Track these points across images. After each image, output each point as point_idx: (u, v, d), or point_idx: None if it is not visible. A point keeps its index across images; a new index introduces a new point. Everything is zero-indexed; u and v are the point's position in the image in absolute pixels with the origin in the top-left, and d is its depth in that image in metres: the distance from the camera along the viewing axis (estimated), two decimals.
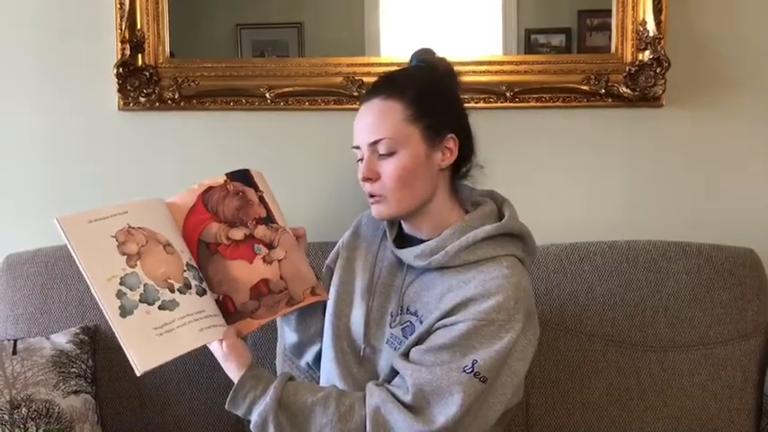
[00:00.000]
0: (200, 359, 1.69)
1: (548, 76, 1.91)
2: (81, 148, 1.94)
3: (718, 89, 1.93)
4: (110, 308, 1.16)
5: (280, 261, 1.34)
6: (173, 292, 1.22)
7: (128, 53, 1.86)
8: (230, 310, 1.29)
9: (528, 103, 1.92)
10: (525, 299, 1.29)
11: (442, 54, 1.44)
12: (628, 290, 1.77)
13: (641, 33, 1.87)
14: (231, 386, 1.29)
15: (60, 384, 1.61)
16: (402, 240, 1.43)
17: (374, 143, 1.33)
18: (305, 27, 1.96)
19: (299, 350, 1.53)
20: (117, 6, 1.86)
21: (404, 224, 1.42)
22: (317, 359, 1.50)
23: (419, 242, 1.37)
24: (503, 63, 1.92)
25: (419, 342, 1.31)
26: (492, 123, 1.47)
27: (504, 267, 1.30)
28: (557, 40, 1.97)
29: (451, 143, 1.34)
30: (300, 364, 1.56)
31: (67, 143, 1.94)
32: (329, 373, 1.41)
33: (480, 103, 1.90)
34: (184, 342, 1.20)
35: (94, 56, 1.91)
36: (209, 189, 1.35)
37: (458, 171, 1.40)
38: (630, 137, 1.96)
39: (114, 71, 1.86)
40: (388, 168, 1.32)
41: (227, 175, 1.38)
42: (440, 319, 1.29)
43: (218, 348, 1.27)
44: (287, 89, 1.91)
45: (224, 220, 1.33)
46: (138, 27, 1.87)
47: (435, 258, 1.32)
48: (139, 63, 1.88)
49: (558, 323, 1.76)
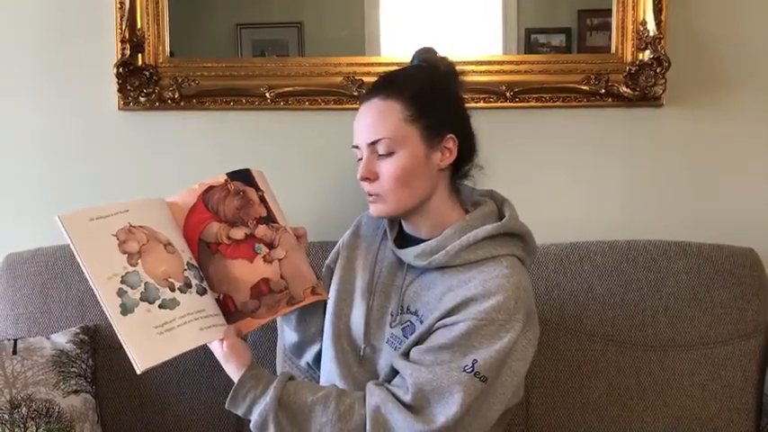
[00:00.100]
0: (200, 359, 1.70)
1: (548, 76, 1.92)
2: (81, 147, 1.94)
3: (718, 89, 1.94)
4: (110, 306, 1.16)
5: (280, 260, 1.34)
6: (173, 290, 1.22)
7: (128, 53, 1.86)
8: (231, 310, 1.29)
9: (528, 102, 1.92)
10: (525, 298, 1.29)
11: (444, 53, 1.44)
12: (628, 289, 1.77)
13: (641, 33, 1.87)
14: (231, 386, 1.28)
15: (60, 384, 1.61)
16: (402, 240, 1.43)
17: (373, 143, 1.33)
18: (305, 27, 1.96)
19: (299, 350, 1.53)
20: (117, 6, 1.86)
21: (404, 224, 1.42)
22: (317, 359, 1.50)
23: (419, 242, 1.37)
24: (503, 63, 1.92)
25: (419, 342, 1.31)
26: (492, 123, 1.46)
27: (505, 267, 1.30)
28: (557, 39, 1.97)
29: (451, 143, 1.34)
30: (300, 363, 1.56)
31: (67, 143, 1.94)
32: (329, 373, 1.41)
33: (480, 103, 1.90)
34: (184, 341, 1.20)
35: (94, 56, 1.91)
36: (209, 189, 1.35)
37: (458, 171, 1.40)
38: (630, 137, 1.96)
39: (114, 71, 1.85)
40: (386, 168, 1.32)
41: (227, 174, 1.38)
42: (440, 319, 1.29)
43: (218, 348, 1.27)
44: (287, 89, 1.90)
45: (225, 220, 1.33)
46: (139, 27, 1.87)
47: (436, 258, 1.32)
48: (139, 63, 1.88)
49: (558, 323, 1.76)
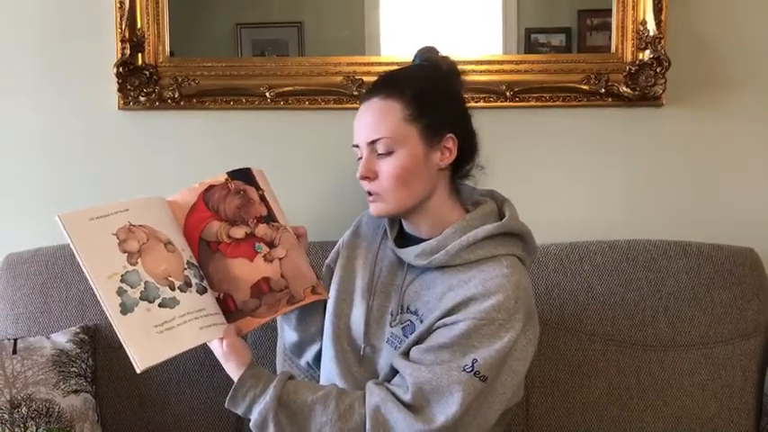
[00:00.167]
0: (200, 358, 1.70)
1: (548, 76, 1.91)
2: (81, 147, 1.94)
3: (718, 89, 1.94)
4: (110, 305, 1.16)
5: (281, 260, 1.34)
6: (173, 290, 1.22)
7: (128, 53, 1.86)
8: (231, 309, 1.29)
9: (528, 102, 1.92)
10: (525, 298, 1.29)
11: (444, 53, 1.43)
12: (628, 289, 1.77)
13: (641, 33, 1.87)
14: (231, 385, 1.28)
15: (60, 384, 1.61)
16: (403, 240, 1.43)
17: (372, 142, 1.33)
18: (305, 26, 1.96)
19: (298, 349, 1.53)
20: (117, 6, 1.86)
21: (404, 223, 1.42)
22: (316, 358, 1.50)
23: (419, 241, 1.37)
24: (503, 62, 1.92)
25: (419, 341, 1.30)
26: (492, 123, 1.46)
27: (505, 267, 1.30)
28: (557, 39, 1.97)
29: (450, 143, 1.34)
30: (300, 363, 1.56)
31: (67, 143, 1.94)
32: (329, 373, 1.41)
33: (480, 103, 1.90)
34: (184, 340, 1.20)
35: (94, 55, 1.90)
36: (210, 188, 1.35)
37: (458, 171, 1.40)
38: (630, 136, 1.96)
39: (114, 70, 1.85)
40: (385, 167, 1.32)
41: (228, 173, 1.38)
42: (440, 319, 1.29)
43: (218, 347, 1.27)
44: (287, 88, 1.90)
45: (225, 219, 1.33)
46: (139, 26, 1.87)
47: (436, 257, 1.32)
48: (139, 62, 1.88)
49: (558, 322, 1.76)
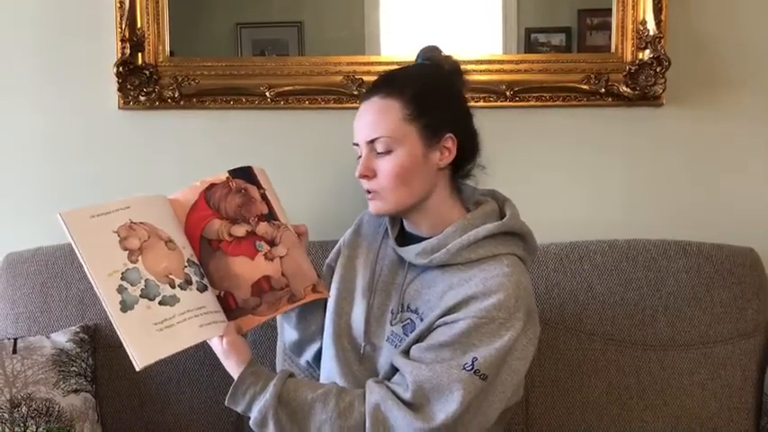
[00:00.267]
0: (200, 357, 1.71)
1: (548, 76, 1.91)
2: (81, 147, 1.94)
3: (718, 88, 1.94)
4: (110, 303, 1.16)
5: (281, 258, 1.34)
6: (173, 287, 1.22)
7: (128, 52, 1.86)
8: (231, 307, 1.30)
9: (528, 102, 1.92)
10: (526, 297, 1.29)
11: (446, 52, 1.43)
12: (628, 289, 1.77)
13: (641, 32, 1.87)
14: (231, 384, 1.28)
15: (60, 383, 1.61)
16: (403, 238, 1.43)
17: (372, 141, 1.33)
18: (305, 26, 1.96)
19: (298, 348, 1.53)
20: (117, 5, 1.85)
21: (405, 222, 1.42)
22: (316, 357, 1.50)
23: (420, 240, 1.37)
24: (503, 62, 1.92)
25: (419, 340, 1.31)
26: (492, 122, 1.46)
27: (505, 266, 1.30)
28: (557, 39, 1.97)
29: (450, 143, 1.34)
30: (300, 362, 1.56)
31: (67, 142, 1.94)
32: (329, 371, 1.41)
33: (480, 102, 1.89)
34: (184, 338, 1.21)
35: (94, 55, 1.90)
36: (211, 186, 1.36)
37: (459, 170, 1.40)
38: (630, 136, 1.96)
39: (114, 70, 1.85)
40: (384, 166, 1.32)
41: (229, 172, 1.38)
42: (440, 317, 1.29)
43: (218, 345, 1.27)
44: (287, 88, 1.90)
45: (226, 217, 1.34)
46: (138, 26, 1.87)
47: (437, 256, 1.32)
48: (139, 62, 1.88)
49: (558, 322, 1.76)
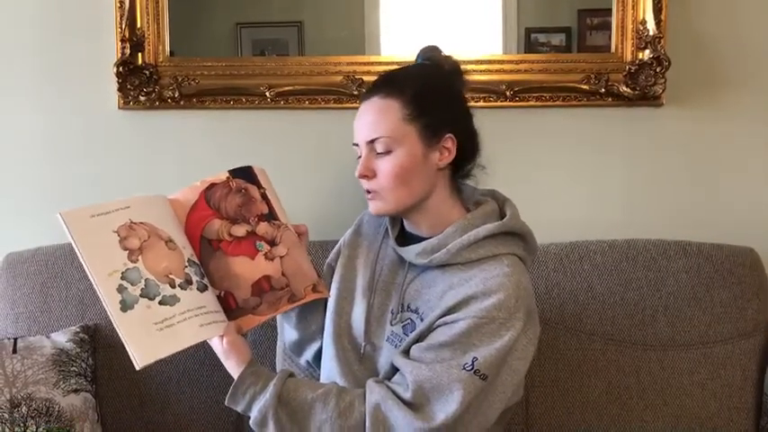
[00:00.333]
0: (200, 357, 1.71)
1: (548, 76, 1.91)
2: (81, 147, 1.94)
3: (717, 88, 1.94)
4: (110, 302, 1.16)
5: (282, 258, 1.34)
6: (174, 287, 1.22)
7: (128, 52, 1.86)
8: (232, 307, 1.30)
9: (528, 102, 1.92)
10: (526, 297, 1.30)
11: (446, 52, 1.43)
12: (627, 289, 1.77)
13: (641, 32, 1.87)
14: (231, 384, 1.28)
15: (60, 383, 1.61)
16: (404, 238, 1.43)
17: (371, 141, 1.33)
18: (305, 26, 1.96)
19: (298, 348, 1.53)
20: (117, 5, 1.85)
21: (405, 222, 1.42)
22: (316, 357, 1.50)
23: (420, 240, 1.37)
24: (503, 62, 1.92)
25: (420, 339, 1.31)
26: (492, 122, 1.46)
27: (506, 266, 1.30)
28: (557, 39, 1.97)
29: (449, 143, 1.34)
30: (300, 362, 1.56)
31: (67, 142, 1.94)
32: (330, 371, 1.41)
33: (480, 102, 1.89)
34: (184, 337, 1.21)
35: (94, 55, 1.90)
36: (211, 186, 1.36)
37: (459, 170, 1.40)
38: (630, 136, 1.96)
39: (114, 70, 1.85)
40: (384, 166, 1.32)
41: (229, 171, 1.38)
42: (441, 317, 1.29)
43: (218, 344, 1.27)
44: (287, 88, 1.90)
45: (226, 217, 1.34)
46: (138, 26, 1.87)
47: (437, 256, 1.32)
48: (139, 62, 1.88)
49: (558, 322, 1.76)
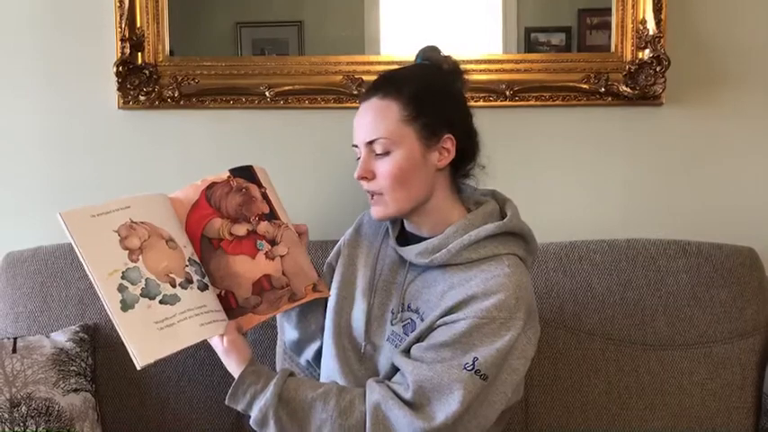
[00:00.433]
0: (199, 357, 1.71)
1: (548, 75, 1.91)
2: (81, 146, 1.94)
3: (717, 88, 1.94)
4: (111, 302, 1.16)
5: (282, 257, 1.34)
6: (174, 286, 1.22)
7: (127, 52, 1.86)
8: (232, 306, 1.30)
9: (528, 101, 1.92)
10: (526, 297, 1.30)
11: (446, 52, 1.43)
12: (627, 288, 1.77)
13: (641, 32, 1.87)
14: (231, 383, 1.29)
15: (60, 382, 1.61)
16: (404, 238, 1.43)
17: (370, 142, 1.33)
18: (305, 25, 1.96)
19: (298, 347, 1.53)
20: (116, 5, 1.85)
21: (405, 222, 1.42)
22: (316, 356, 1.50)
23: (421, 240, 1.37)
24: (503, 62, 1.92)
25: (420, 339, 1.31)
26: (492, 122, 1.46)
27: (506, 266, 1.30)
28: (557, 38, 1.97)
29: (449, 143, 1.34)
30: (300, 361, 1.55)
31: (67, 142, 1.94)
32: (330, 371, 1.41)
33: (480, 102, 1.89)
34: (185, 336, 1.21)
35: (94, 54, 1.90)
36: (212, 185, 1.36)
37: (459, 170, 1.40)
38: (630, 135, 1.96)
39: (114, 70, 1.85)
40: (383, 168, 1.32)
41: (230, 171, 1.38)
42: (441, 317, 1.29)
43: (218, 343, 1.28)
44: (287, 87, 1.90)
45: (227, 216, 1.34)
46: (138, 25, 1.87)
47: (437, 256, 1.32)
48: (139, 61, 1.87)
49: (558, 321, 1.76)
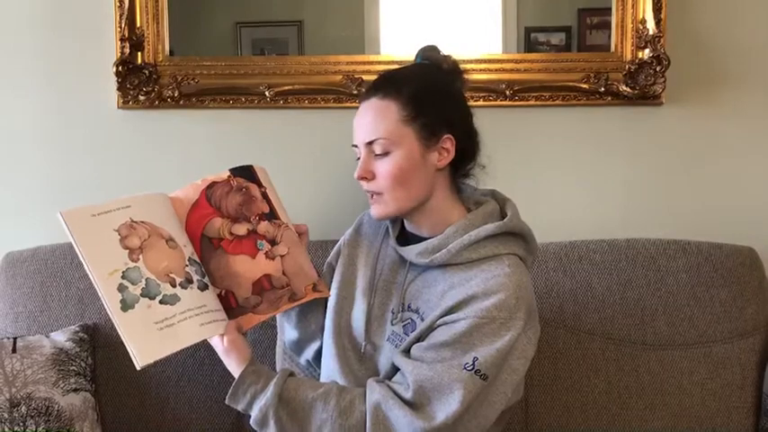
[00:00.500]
0: (199, 357, 1.71)
1: (547, 75, 1.91)
2: (81, 146, 1.94)
3: (717, 87, 1.93)
4: (111, 301, 1.16)
5: (282, 257, 1.35)
6: (174, 286, 1.22)
7: (127, 51, 1.86)
8: (232, 305, 1.30)
9: (528, 101, 1.92)
10: (526, 297, 1.30)
11: (446, 52, 1.43)
12: (627, 288, 1.77)
13: (641, 32, 1.87)
14: (230, 383, 1.29)
15: (60, 382, 1.61)
16: (404, 238, 1.43)
17: (370, 143, 1.33)
18: (305, 25, 1.96)
19: (298, 347, 1.53)
20: (116, 5, 1.85)
21: (406, 222, 1.42)
22: (316, 356, 1.50)
23: (421, 240, 1.37)
24: (503, 61, 1.92)
25: (420, 339, 1.31)
26: (492, 122, 1.46)
27: (506, 266, 1.30)
28: (557, 38, 1.97)
29: (448, 143, 1.34)
30: (300, 361, 1.55)
31: (67, 141, 1.94)
32: (330, 370, 1.41)
33: (480, 102, 1.89)
34: (185, 336, 1.21)
35: (94, 54, 1.90)
36: (212, 184, 1.36)
37: (459, 170, 1.40)
38: (630, 135, 1.95)
39: (114, 69, 1.85)
40: (383, 168, 1.32)
41: (230, 170, 1.39)
42: (441, 317, 1.29)
43: (218, 343, 1.28)
44: (287, 87, 1.90)
45: (227, 216, 1.34)
46: (138, 25, 1.87)
47: (437, 256, 1.32)
48: (139, 61, 1.87)
49: (557, 321, 1.76)
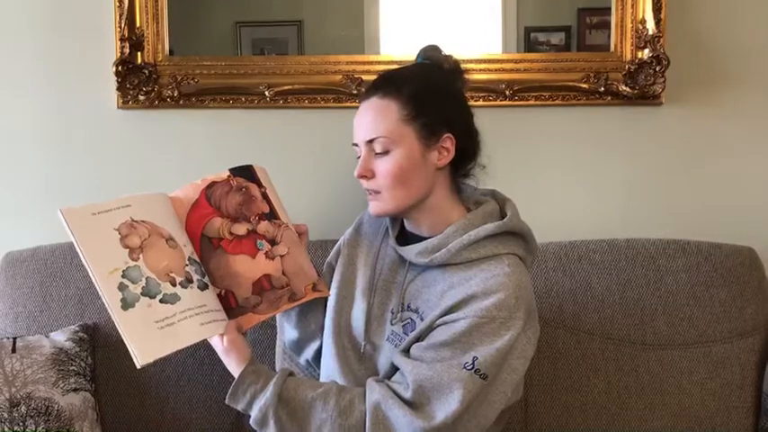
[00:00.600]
0: (199, 356, 1.71)
1: (547, 75, 1.91)
2: (80, 146, 1.94)
3: (717, 87, 1.94)
4: (111, 300, 1.17)
5: (282, 257, 1.35)
6: (174, 285, 1.22)
7: (127, 51, 1.86)
8: (232, 305, 1.30)
9: (527, 101, 1.92)
10: (526, 297, 1.30)
11: (446, 52, 1.43)
12: (627, 288, 1.77)
13: (641, 31, 1.87)
14: (230, 383, 1.29)
15: (60, 382, 1.61)
16: (404, 238, 1.43)
17: (370, 141, 1.33)
18: (305, 25, 1.96)
19: (298, 347, 1.53)
20: (116, 5, 1.85)
21: (405, 222, 1.42)
22: (316, 356, 1.50)
23: (421, 239, 1.37)
24: (502, 61, 1.92)
25: (420, 339, 1.31)
26: (492, 122, 1.46)
27: (506, 265, 1.30)
28: (556, 38, 1.97)
29: (448, 143, 1.34)
30: (300, 361, 1.55)
31: (67, 141, 1.94)
32: (330, 370, 1.41)
33: (480, 102, 1.89)
34: (185, 336, 1.21)
35: (94, 54, 1.90)
36: (212, 184, 1.36)
37: (459, 170, 1.40)
38: (630, 135, 1.95)
39: (114, 69, 1.85)
40: (383, 167, 1.32)
41: (230, 170, 1.39)
42: (441, 316, 1.29)
43: (218, 343, 1.28)
44: (286, 87, 1.90)
45: (227, 216, 1.34)
46: (138, 25, 1.87)
47: (437, 256, 1.32)
48: (139, 61, 1.87)
49: (557, 321, 1.76)
